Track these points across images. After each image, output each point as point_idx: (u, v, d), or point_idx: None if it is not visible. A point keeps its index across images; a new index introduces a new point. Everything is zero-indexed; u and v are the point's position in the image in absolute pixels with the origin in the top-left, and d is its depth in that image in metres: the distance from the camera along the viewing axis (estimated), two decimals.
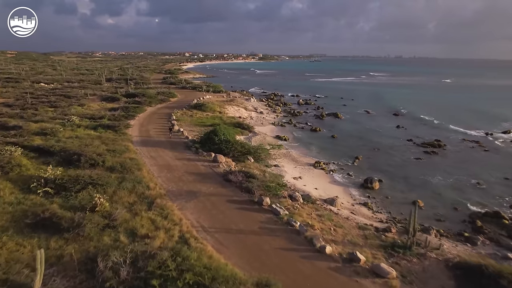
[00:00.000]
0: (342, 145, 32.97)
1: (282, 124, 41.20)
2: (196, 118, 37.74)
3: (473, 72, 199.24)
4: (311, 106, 57.14)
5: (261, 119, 42.95)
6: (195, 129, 32.77)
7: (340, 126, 41.72)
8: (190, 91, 64.69)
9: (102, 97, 49.56)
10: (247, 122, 40.22)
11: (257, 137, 32.95)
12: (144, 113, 39.44)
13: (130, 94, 50.29)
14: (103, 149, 23.53)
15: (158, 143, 26.81)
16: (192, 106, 43.41)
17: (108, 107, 42.31)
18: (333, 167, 26.27)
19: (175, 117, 37.18)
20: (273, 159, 25.87)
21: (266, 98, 62.65)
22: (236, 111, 43.98)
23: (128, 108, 39.75)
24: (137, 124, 33.69)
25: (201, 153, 24.10)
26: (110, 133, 28.95)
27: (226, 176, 19.54)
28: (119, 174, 19.20)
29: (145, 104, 44.52)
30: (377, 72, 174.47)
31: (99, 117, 34.86)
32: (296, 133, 37.42)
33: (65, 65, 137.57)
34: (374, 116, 50.16)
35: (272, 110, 50.60)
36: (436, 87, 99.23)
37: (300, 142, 33.19)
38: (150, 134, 29.95)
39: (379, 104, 60.72)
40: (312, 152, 30.00)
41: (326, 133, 37.82)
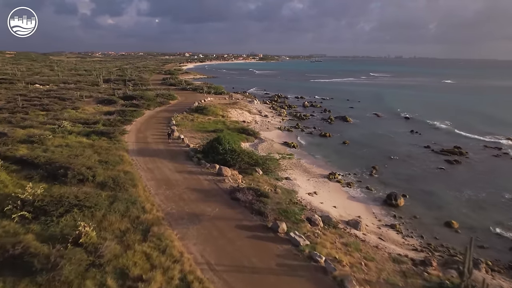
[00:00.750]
0: (355, 152, 30.51)
1: (289, 128, 38.74)
2: (198, 122, 35.28)
3: (475, 72, 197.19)
4: (317, 109, 54.68)
5: (266, 123, 40.48)
6: (197, 135, 30.31)
7: (350, 131, 39.24)
8: (190, 93, 62.28)
9: (98, 99, 47.09)
10: (251, 126, 37.77)
11: (264, 144, 30.49)
12: (142, 117, 36.97)
13: (128, 97, 47.85)
14: (95, 160, 21.14)
15: (156, 152, 24.34)
16: (193, 109, 40.97)
17: (104, 111, 39.84)
18: (350, 179, 23.81)
19: (174, 121, 34.73)
20: (284, 171, 23.40)
21: (270, 100, 60.19)
22: (240, 115, 41.55)
23: (125, 111, 37.28)
24: (134, 129, 31.22)
25: (204, 165, 21.64)
26: (104, 140, 26.49)
27: (234, 193, 17.07)
28: (111, 192, 16.76)
29: (143, 107, 42.07)
30: (379, 73, 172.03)
31: (93, 122, 32.41)
32: (305, 139, 34.94)
33: (63, 66, 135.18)
34: (384, 120, 47.71)
35: (277, 113, 48.15)
36: (440, 88, 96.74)
37: (310, 149, 30.73)
38: (147, 141, 27.48)
39: (387, 107, 58.26)
40: (324, 161, 27.53)
41: (336, 139, 35.35)
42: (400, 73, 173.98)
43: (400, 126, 43.63)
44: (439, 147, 32.51)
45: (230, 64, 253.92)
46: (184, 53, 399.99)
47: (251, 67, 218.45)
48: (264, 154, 26.17)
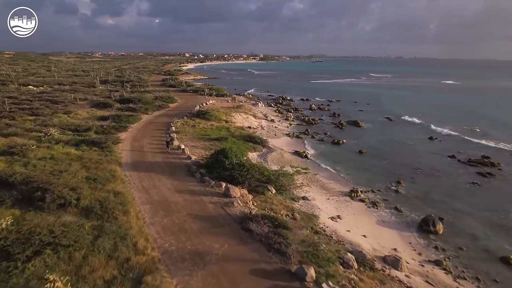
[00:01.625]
0: (374, 163, 27.54)
1: (298, 135, 35.78)
2: (199, 129, 32.32)
3: (477, 73, 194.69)
4: (325, 112, 51.72)
5: (273, 129, 37.52)
6: (199, 144, 27.35)
7: (364, 138, 36.28)
8: (191, 95, 59.38)
9: (92, 102, 44.15)
10: (258, 133, 34.82)
11: (273, 154, 27.53)
12: (138, 123, 34.02)
13: (125, 100, 44.90)
14: (82, 177, 18.23)
15: (154, 166, 21.39)
16: (194, 114, 38.01)
17: (97, 115, 36.90)
18: (374, 197, 20.87)
19: (174, 128, 31.78)
20: (299, 188, 20.43)
21: (275, 103, 57.22)
22: (245, 120, 38.59)
23: (120, 117, 34.32)
24: (129, 137, 28.27)
25: (208, 182, 18.68)
26: (95, 151, 23.54)
27: (245, 223, 14.12)
28: (97, 221, 13.85)
29: (140, 111, 39.12)
30: (381, 73, 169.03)
31: (85, 129, 29.46)
32: (316, 146, 31.99)
33: (61, 66, 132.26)
34: (398, 124, 44.73)
35: (283, 117, 45.19)
36: (445, 90, 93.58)
37: (323, 160, 27.77)
38: (144, 151, 24.52)
39: (397, 109, 55.29)
40: (341, 174, 24.58)
41: (351, 147, 32.40)
42: (403, 74, 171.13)
43: (416, 131, 40.68)
44: (465, 156, 29.57)
45: (230, 65, 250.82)
46: (184, 54, 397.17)
47: (252, 67, 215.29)
48: (275, 167, 23.23)
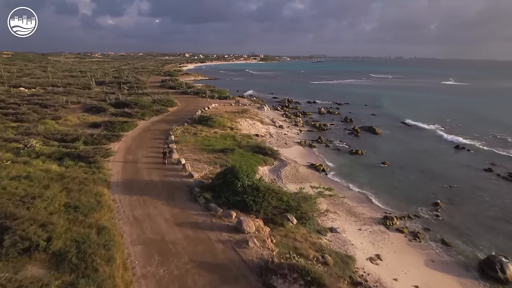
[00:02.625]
0: (401, 178, 24.11)
1: (311, 144, 32.31)
2: (202, 138, 28.86)
3: (480, 73, 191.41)
4: (336, 117, 48.25)
5: (283, 136, 34.06)
6: (202, 157, 23.87)
7: (384, 147, 32.83)
8: (192, 98, 55.90)
9: (85, 106, 40.65)
10: (267, 141, 31.40)
11: (287, 168, 24.07)
12: (134, 131, 30.57)
13: (120, 103, 41.41)
14: (59, 205, 14.83)
15: (149, 187, 17.94)
16: (195, 119, 34.52)
17: (89, 122, 33.47)
18: (412, 225, 17.44)
19: (174, 136, 28.33)
20: (323, 213, 16.99)
21: (281, 106, 53.72)
22: (251, 126, 35.11)
23: (113, 124, 30.87)
24: (122, 149, 24.80)
25: (215, 210, 15.24)
26: (81, 167, 20.09)
27: (266, 276, 10.68)
28: (69, 276, 10.39)
29: (137, 116, 35.66)
30: (384, 74, 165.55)
31: (72, 139, 26.00)
32: (333, 158, 28.56)
33: (59, 67, 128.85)
34: (416, 131, 41.24)
35: (292, 122, 41.73)
36: (456, 91, 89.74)
37: (344, 174, 24.33)
38: (138, 167, 21.06)
39: (411, 113, 51.81)
40: (368, 194, 21.13)
41: (372, 158, 28.94)
42: (407, 74, 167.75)
43: (437, 138, 37.28)
44: (504, 170, 26.12)
45: (229, 65, 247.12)
46: (184, 54, 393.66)
47: (252, 68, 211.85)
48: (292, 185, 19.83)
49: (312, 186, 19.63)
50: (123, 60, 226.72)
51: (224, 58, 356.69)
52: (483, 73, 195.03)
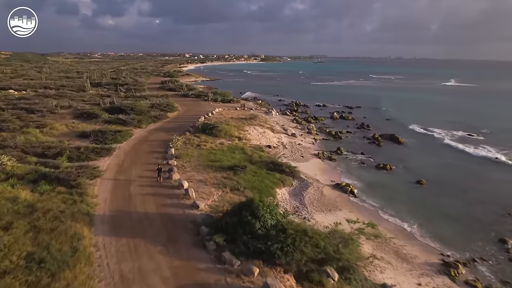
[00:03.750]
0: (447, 203, 20.23)
1: (330, 155, 28.42)
2: (207, 151, 24.95)
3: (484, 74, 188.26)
4: (350, 123, 44.34)
5: (297, 147, 30.18)
6: (208, 176, 19.97)
7: (412, 160, 28.95)
8: (193, 101, 52.07)
9: (76, 112, 36.74)
10: (280, 153, 27.53)
11: (310, 190, 20.18)
12: (128, 142, 26.69)
13: (115, 108, 37.50)
14: (19, 257, 10.98)
15: (143, 224, 14.06)
16: (198, 128, 30.61)
17: (78, 130, 29.58)
18: (484, 274, 13.59)
19: (174, 149, 24.45)
20: (368, 260, 13.09)
21: (290, 110, 49.81)
22: (262, 135, 31.21)
23: (105, 134, 26.95)
24: (113, 166, 20.91)
25: (230, 263, 11.36)
26: (60, 193, 16.25)
27: None
28: None
29: (132, 124, 31.76)
30: (388, 75, 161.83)
31: (55, 154, 22.12)
32: (359, 174, 24.68)
33: (56, 67, 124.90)
34: (443, 139, 37.21)
35: (305, 130, 37.80)
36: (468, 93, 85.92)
37: (377, 198, 20.45)
38: (130, 193, 17.15)
39: (430, 118, 48.24)
40: (413, 226, 17.26)
41: (403, 175, 25.08)
42: (409, 75, 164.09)
43: (468, 149, 33.37)
44: None
45: (230, 65, 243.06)
46: (184, 54, 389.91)
47: (253, 68, 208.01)
48: (319, 216, 15.96)
49: (349, 220, 15.60)
50: (123, 61, 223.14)
51: (224, 58, 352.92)
52: (485, 73, 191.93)
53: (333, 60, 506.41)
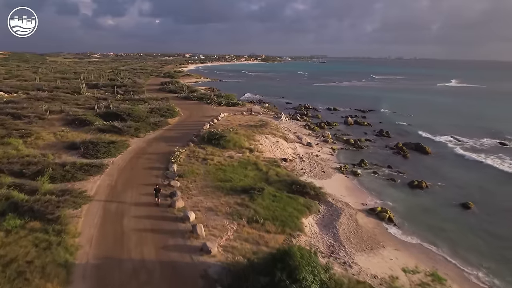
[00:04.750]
0: (505, 235, 16.70)
1: (355, 170, 24.89)
2: (214, 166, 21.43)
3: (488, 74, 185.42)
4: (367, 129, 40.75)
5: (315, 159, 26.65)
6: (218, 203, 16.46)
7: (448, 174, 25.37)
8: (195, 104, 48.58)
9: (67, 118, 33.17)
10: (298, 167, 24.02)
11: (343, 220, 16.63)
12: (124, 155, 23.17)
13: (110, 114, 33.95)
14: None
15: (139, 278, 10.58)
16: (204, 137, 27.06)
17: (68, 140, 26.04)
18: None
19: (176, 165, 20.95)
20: None
21: (300, 115, 46.23)
22: (275, 146, 27.67)
23: (97, 146, 23.40)
24: (103, 189, 17.41)
25: None
26: (33, 231, 12.87)
27: None
28: None
29: (129, 133, 28.25)
30: (392, 75, 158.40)
31: (35, 172, 18.63)
32: (392, 195, 21.12)
33: (53, 67, 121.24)
34: (475, 148, 33.62)
35: (319, 137, 34.24)
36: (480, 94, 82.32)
37: (422, 228, 16.92)
38: (123, 229, 13.63)
39: (446, 122, 45.02)
40: (479, 269, 13.75)
41: (443, 194, 21.56)
42: (414, 75, 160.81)
43: (506, 159, 29.91)
44: None
45: (230, 66, 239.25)
46: (184, 54, 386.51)
47: (254, 68, 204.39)
48: (365, 261, 12.48)
49: (406, 270, 12.12)
50: (122, 61, 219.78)
51: (225, 58, 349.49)
52: (488, 74, 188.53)
53: (334, 60, 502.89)
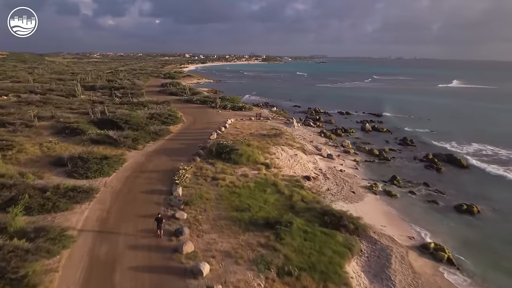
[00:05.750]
0: None
1: (388, 190, 21.36)
2: (227, 189, 17.90)
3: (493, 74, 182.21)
4: (388, 136, 37.11)
5: (340, 175, 23.12)
6: (235, 243, 12.91)
7: (496, 195, 21.82)
8: (199, 108, 45.15)
9: (57, 126, 29.62)
10: (323, 187, 20.52)
11: (396, 266, 13.07)
12: (119, 173, 19.63)
13: (106, 121, 30.43)
14: None
15: None
16: (212, 150, 23.48)
17: (54, 154, 22.47)
18: None
19: (181, 188, 17.43)
20: None
21: (313, 120, 42.65)
22: (293, 160, 24.10)
23: (87, 162, 19.87)
24: (92, 223, 13.87)
25: None
26: None
27: None
28: None
29: (126, 144, 24.70)
30: (394, 76, 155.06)
31: (7, 200, 15.10)
32: (439, 224, 17.61)
33: (50, 68, 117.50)
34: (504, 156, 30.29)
35: (338, 147, 30.63)
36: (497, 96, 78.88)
37: (495, 276, 13.46)
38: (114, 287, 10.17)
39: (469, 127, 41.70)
40: None
41: (497, 221, 18.10)
42: (418, 75, 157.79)
43: None
44: None
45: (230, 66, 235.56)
46: (184, 54, 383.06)
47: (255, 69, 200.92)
48: None
49: None
50: (122, 61, 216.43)
51: (225, 58, 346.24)
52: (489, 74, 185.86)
53: (334, 60, 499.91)
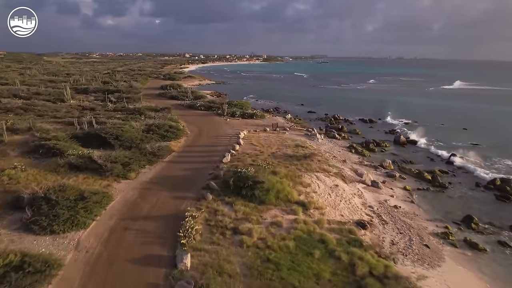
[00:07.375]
0: None
1: (470, 240, 15.66)
2: (255, 252, 12.17)
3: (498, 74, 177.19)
4: (429, 153, 31.41)
5: (397, 214, 17.41)
6: None
7: None
8: (204, 115, 39.55)
9: (32, 143, 23.83)
10: (384, 239, 14.82)
11: None
12: (101, 221, 13.86)
13: (92, 136, 24.67)
14: None
15: None
16: (227, 182, 17.68)
17: (15, 189, 16.76)
18: None
19: (189, 253, 11.73)
20: None
21: (336, 130, 36.80)
22: (334, 193, 18.34)
23: (56, 205, 14.10)
24: None
25: None
26: None
27: None
28: None
29: (114, 172, 18.92)
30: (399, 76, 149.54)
31: None
32: None
33: (44, 69, 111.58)
34: None
35: (379, 169, 24.90)
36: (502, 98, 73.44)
37: None
38: None
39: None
40: None
41: None
42: (422, 76, 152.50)
43: None
44: None
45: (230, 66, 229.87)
46: (184, 54, 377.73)
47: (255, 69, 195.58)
48: None
49: None
50: (121, 61, 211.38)
51: (225, 58, 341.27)
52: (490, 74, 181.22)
53: (334, 60, 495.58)
